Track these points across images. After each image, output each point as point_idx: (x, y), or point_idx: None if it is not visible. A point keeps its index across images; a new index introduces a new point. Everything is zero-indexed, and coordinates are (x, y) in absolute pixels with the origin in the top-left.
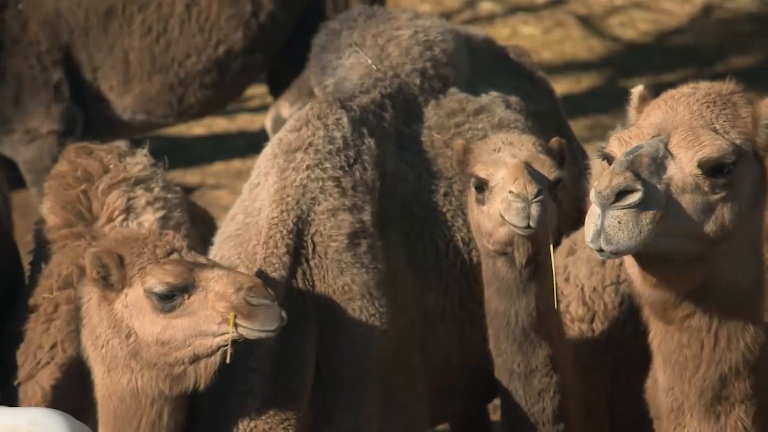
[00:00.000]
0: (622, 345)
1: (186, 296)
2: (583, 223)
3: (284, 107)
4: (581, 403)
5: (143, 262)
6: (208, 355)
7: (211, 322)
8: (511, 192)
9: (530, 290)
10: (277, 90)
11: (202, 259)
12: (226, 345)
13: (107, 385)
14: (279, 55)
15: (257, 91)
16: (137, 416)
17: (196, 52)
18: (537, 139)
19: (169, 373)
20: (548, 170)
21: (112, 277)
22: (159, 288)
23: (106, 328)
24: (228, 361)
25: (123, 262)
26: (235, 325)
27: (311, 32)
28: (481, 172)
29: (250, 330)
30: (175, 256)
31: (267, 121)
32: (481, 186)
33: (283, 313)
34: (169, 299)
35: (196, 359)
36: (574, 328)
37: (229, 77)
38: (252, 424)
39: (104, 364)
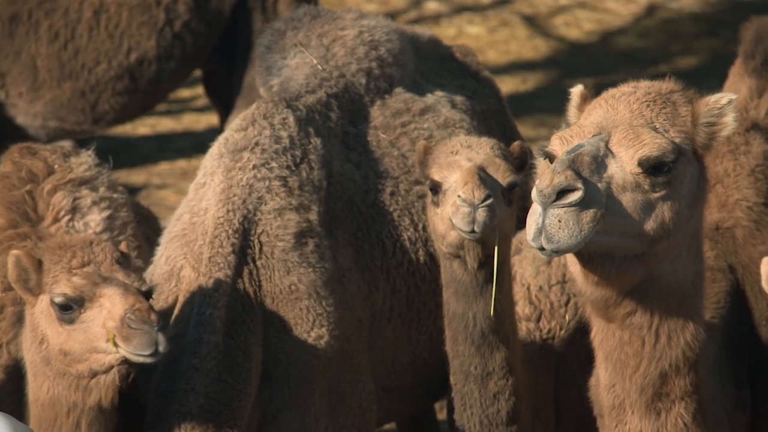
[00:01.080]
0: (568, 343)
1: (82, 310)
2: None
3: None
4: (531, 403)
5: (57, 270)
6: (105, 372)
7: (101, 339)
8: (459, 196)
9: (487, 293)
10: (213, 93)
11: (119, 274)
12: (119, 364)
13: (33, 390)
14: (212, 60)
15: (202, 91)
16: (57, 425)
17: (107, 59)
18: (497, 143)
19: (78, 384)
20: (503, 175)
21: (30, 281)
22: (57, 298)
23: (29, 332)
24: (129, 380)
25: (41, 268)
26: (116, 345)
27: (243, 37)
28: (436, 175)
29: (127, 352)
30: (89, 267)
31: None
32: (436, 188)
33: (161, 339)
34: (66, 310)
35: (94, 374)
36: (521, 328)
37: (144, 84)
38: (195, 422)
39: (31, 368)
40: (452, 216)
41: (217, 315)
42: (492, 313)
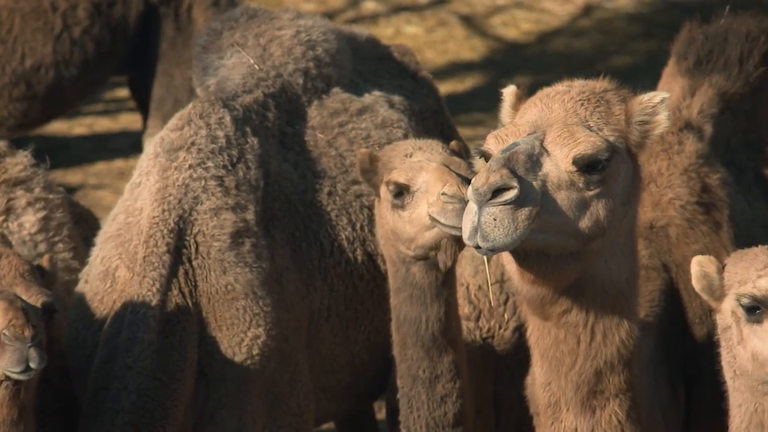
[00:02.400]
0: (507, 342)
1: None
2: None
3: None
4: (473, 403)
5: None
6: None
7: None
8: (444, 194)
9: (442, 295)
10: (139, 96)
11: (18, 288)
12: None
13: None
14: (125, 67)
15: None
16: None
17: (0, 65)
18: (442, 143)
19: None
20: (464, 171)
21: None
22: None
23: None
24: (22, 396)
25: None
26: None
27: (154, 45)
28: (400, 178)
29: (1, 368)
30: None
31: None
32: (401, 191)
33: (34, 355)
34: None
35: None
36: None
37: (43, 91)
38: (128, 418)
39: None
40: (438, 215)
41: (151, 314)
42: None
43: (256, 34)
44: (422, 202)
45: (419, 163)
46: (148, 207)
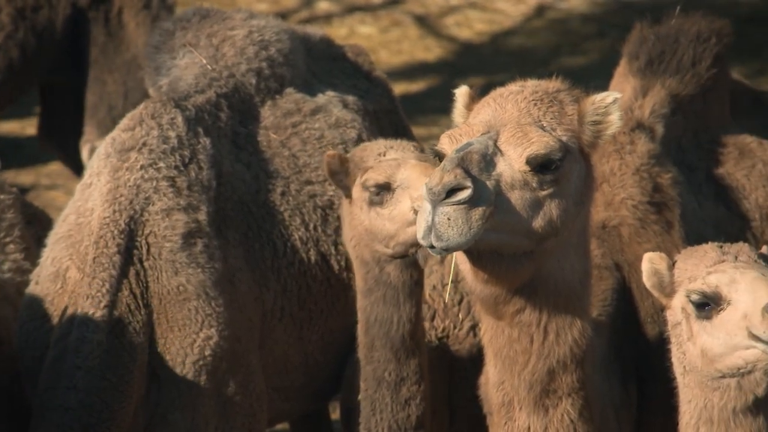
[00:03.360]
0: (461, 342)
1: None
2: None
3: (97, 141)
4: (429, 404)
5: None
6: None
7: None
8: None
9: (415, 295)
10: (49, 104)
11: None
12: None
13: None
14: (53, 72)
15: None
16: None
17: None
18: (411, 143)
19: None
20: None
21: None
22: None
23: None
24: None
25: None
26: None
27: (84, 50)
28: (380, 175)
29: None
30: None
31: (84, 158)
32: (380, 190)
33: None
34: None
35: None
36: None
37: None
38: (75, 416)
39: None
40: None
41: (101, 315)
42: (447, 299)
43: (208, 34)
44: (404, 198)
45: (396, 161)
46: (99, 208)
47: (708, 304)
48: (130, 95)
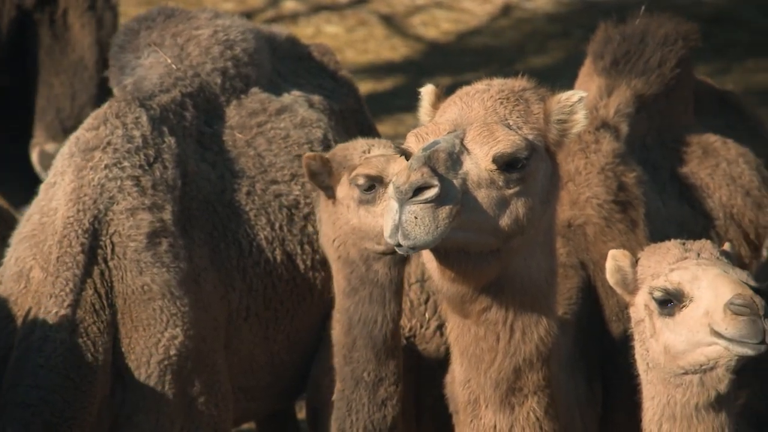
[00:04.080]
0: (428, 342)
1: None
2: None
3: (46, 143)
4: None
5: None
6: None
7: None
8: None
9: (400, 294)
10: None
11: None
12: None
13: None
14: (10, 72)
15: None
16: None
17: None
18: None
19: None
20: None
21: None
22: None
23: None
24: None
25: None
26: None
27: (31, 52)
28: (372, 170)
29: None
30: None
31: (34, 161)
32: (372, 185)
33: None
34: None
35: None
36: None
37: None
38: (37, 413)
39: None
40: None
41: (64, 314)
42: None
43: (173, 33)
44: None
45: (384, 157)
46: (63, 207)
47: (670, 301)
48: (78, 97)
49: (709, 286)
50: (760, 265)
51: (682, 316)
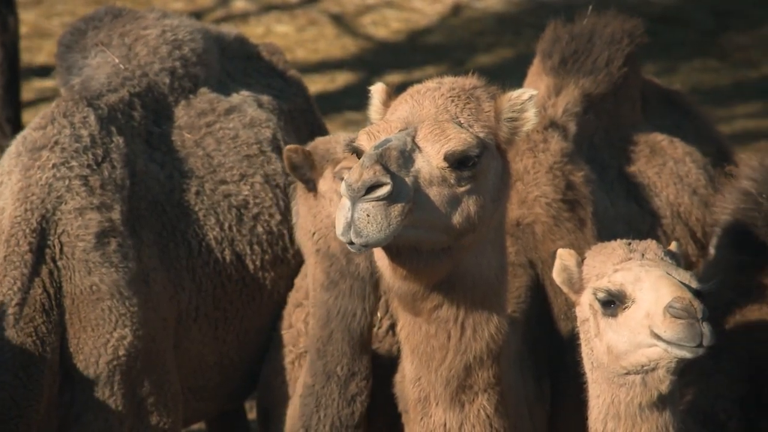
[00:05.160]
0: (381, 341)
1: None
2: None
3: None
4: None
5: None
6: None
7: None
8: None
9: (377, 287)
10: None
11: None
12: None
13: None
14: None
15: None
16: None
17: None
18: None
19: None
20: None
21: None
22: None
23: None
24: None
25: None
26: None
27: None
28: None
29: None
30: None
31: None
32: None
33: None
34: None
35: None
36: None
37: None
38: None
39: None
40: None
41: (11, 313)
42: None
43: (121, 33)
44: None
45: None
46: (10, 206)
47: (613, 302)
48: None
49: (651, 288)
50: (707, 264)
51: (624, 317)
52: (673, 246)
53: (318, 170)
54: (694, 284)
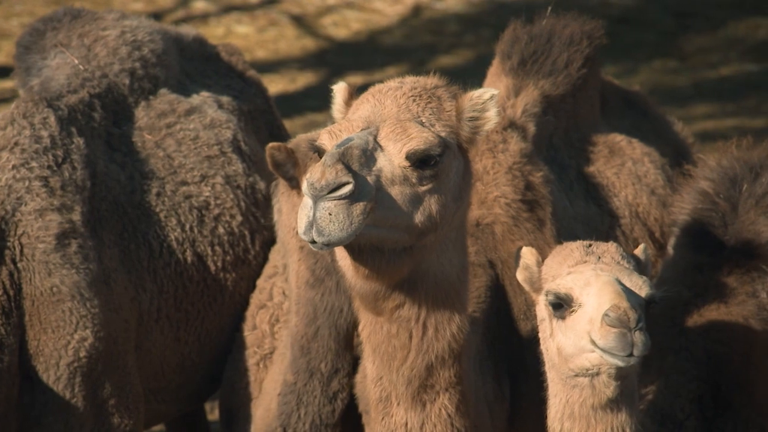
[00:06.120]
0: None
1: None
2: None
3: None
4: None
5: None
6: None
7: None
8: None
9: None
10: None
11: None
12: None
13: None
14: None
15: None
16: None
17: None
18: None
19: None
20: None
21: None
22: None
23: None
24: None
25: None
26: None
27: None
28: None
29: None
30: None
31: None
32: None
33: None
34: None
35: None
36: None
37: None
38: None
39: None
40: None
41: None
42: None
43: (80, 34)
44: None
45: None
46: None
47: (562, 305)
48: None
49: (596, 293)
50: (666, 264)
51: (572, 320)
52: (639, 250)
53: (301, 167)
54: (645, 291)
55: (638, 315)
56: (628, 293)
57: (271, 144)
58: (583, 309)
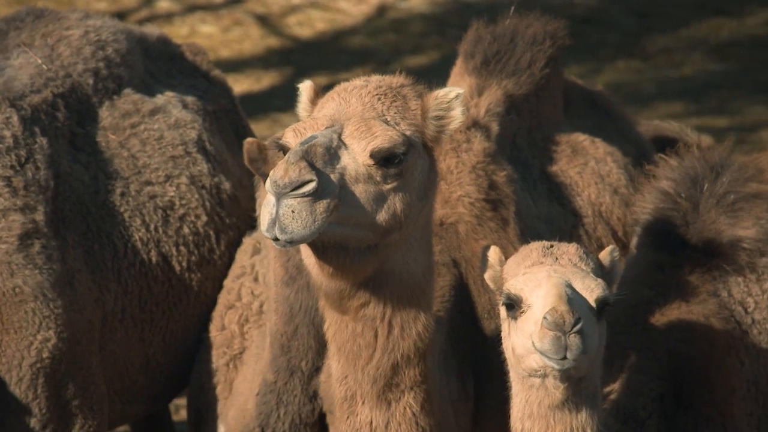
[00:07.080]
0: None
1: None
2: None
3: None
4: None
5: None
6: None
7: None
8: None
9: None
10: None
11: None
12: None
13: None
14: None
15: None
16: None
17: None
18: None
19: None
20: None
21: None
22: None
23: None
24: None
25: None
26: None
27: None
28: None
29: None
30: None
31: None
32: None
33: None
34: None
35: None
36: None
37: None
38: None
39: None
40: None
41: None
42: None
43: (43, 34)
44: None
45: None
46: None
47: (514, 306)
48: None
49: (543, 296)
50: (628, 263)
51: (522, 321)
52: (605, 252)
53: (271, 165)
54: (596, 293)
55: (575, 318)
56: (575, 296)
57: (247, 139)
58: (531, 310)
